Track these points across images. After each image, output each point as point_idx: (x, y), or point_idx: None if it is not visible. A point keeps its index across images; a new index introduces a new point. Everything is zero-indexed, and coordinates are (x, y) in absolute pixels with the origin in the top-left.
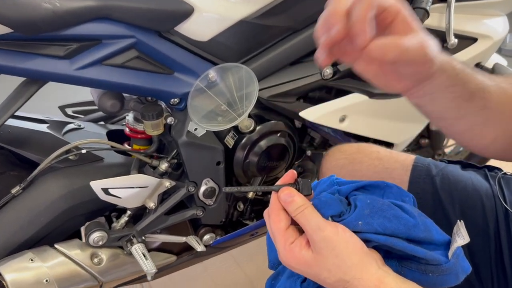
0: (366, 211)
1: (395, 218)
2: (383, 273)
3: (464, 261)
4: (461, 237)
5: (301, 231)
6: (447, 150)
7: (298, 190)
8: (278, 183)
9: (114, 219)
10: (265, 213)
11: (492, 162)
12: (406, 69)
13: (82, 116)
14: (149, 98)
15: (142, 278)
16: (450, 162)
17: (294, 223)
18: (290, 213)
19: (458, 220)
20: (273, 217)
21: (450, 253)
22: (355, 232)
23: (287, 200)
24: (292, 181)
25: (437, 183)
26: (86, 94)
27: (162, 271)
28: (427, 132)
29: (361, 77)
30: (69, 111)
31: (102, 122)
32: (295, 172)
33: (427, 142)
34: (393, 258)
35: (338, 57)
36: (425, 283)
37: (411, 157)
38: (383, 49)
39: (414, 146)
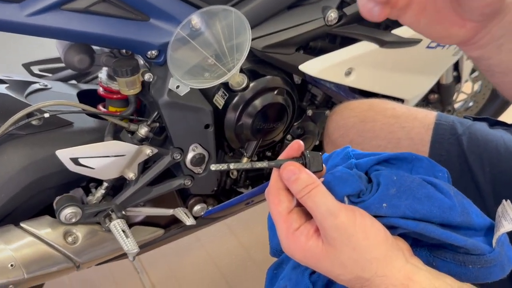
0: (392, 191)
1: (427, 198)
2: (412, 267)
3: (510, 250)
4: (509, 220)
5: (308, 214)
6: (456, 106)
7: (305, 166)
8: (281, 157)
9: (93, 190)
10: (266, 192)
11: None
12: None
13: (50, 75)
14: (123, 51)
15: (125, 255)
16: (475, 119)
17: (300, 204)
18: (295, 195)
19: (504, 200)
20: (272, 198)
21: (494, 240)
22: (377, 216)
23: (290, 178)
24: (298, 154)
25: (463, 144)
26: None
27: (148, 246)
28: (437, 87)
29: (371, 22)
30: (35, 69)
31: (73, 81)
32: (301, 143)
33: (436, 97)
34: (423, 247)
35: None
36: (464, 276)
37: (432, 114)
38: None
39: (421, 102)
